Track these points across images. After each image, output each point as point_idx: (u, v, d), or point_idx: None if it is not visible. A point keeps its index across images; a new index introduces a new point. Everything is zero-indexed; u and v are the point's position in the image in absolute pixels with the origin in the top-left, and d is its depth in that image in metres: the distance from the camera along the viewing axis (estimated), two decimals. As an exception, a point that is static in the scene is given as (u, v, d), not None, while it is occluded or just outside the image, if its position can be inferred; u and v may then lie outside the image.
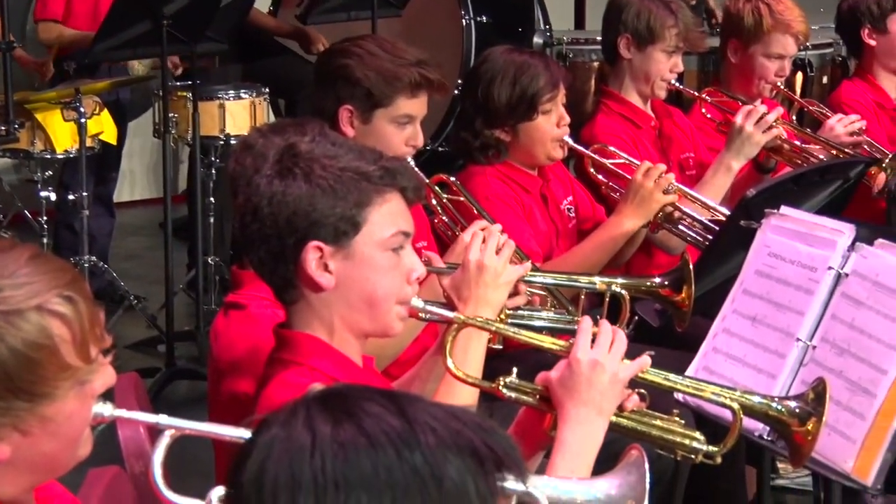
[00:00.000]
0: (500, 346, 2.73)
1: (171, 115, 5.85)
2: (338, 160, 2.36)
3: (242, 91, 6.29)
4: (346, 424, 1.42)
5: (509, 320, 2.75)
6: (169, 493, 1.95)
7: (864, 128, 4.44)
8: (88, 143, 5.80)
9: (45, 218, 5.96)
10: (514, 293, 2.85)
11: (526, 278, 2.91)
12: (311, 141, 2.40)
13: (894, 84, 4.94)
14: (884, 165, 4.22)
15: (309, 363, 2.38)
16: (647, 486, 2.01)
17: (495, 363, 2.65)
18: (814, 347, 2.81)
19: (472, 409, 1.50)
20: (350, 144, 2.47)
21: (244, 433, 1.90)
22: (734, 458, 2.89)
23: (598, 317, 2.62)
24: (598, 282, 3.03)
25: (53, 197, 5.96)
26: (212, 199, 6.26)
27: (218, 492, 1.85)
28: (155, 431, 2.01)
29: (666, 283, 3.05)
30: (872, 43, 4.88)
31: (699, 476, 2.62)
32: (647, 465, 2.02)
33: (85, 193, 5.88)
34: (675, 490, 3.52)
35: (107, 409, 1.93)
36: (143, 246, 7.56)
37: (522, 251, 3.10)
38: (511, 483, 1.46)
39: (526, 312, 2.90)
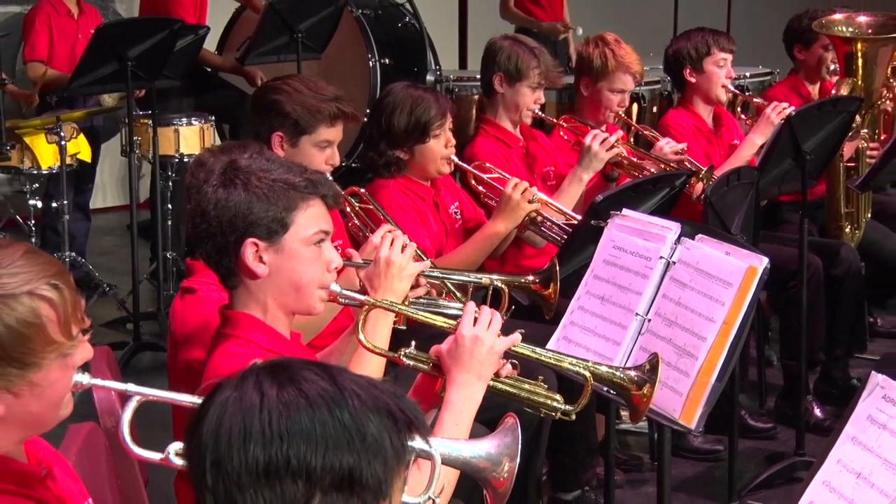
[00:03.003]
0: (404, 327, 2.73)
1: (135, 138, 5.82)
2: (270, 173, 2.37)
3: (193, 119, 6.24)
4: (289, 387, 1.41)
5: (411, 305, 2.75)
6: (135, 448, 1.96)
7: (685, 148, 4.49)
8: (68, 161, 5.79)
9: (33, 222, 5.95)
10: (416, 284, 2.86)
11: (425, 273, 2.91)
12: (249, 158, 2.41)
13: (709, 112, 4.99)
14: (701, 176, 4.28)
15: (246, 337, 2.38)
16: (520, 446, 2.02)
17: (399, 337, 2.64)
18: (649, 320, 2.82)
19: (387, 381, 1.49)
20: (281, 160, 2.48)
21: (197, 399, 1.89)
22: (587, 408, 2.91)
23: (481, 303, 2.63)
24: (484, 278, 3.04)
25: (40, 205, 5.97)
26: (169, 205, 6.23)
27: (175, 446, 1.82)
28: (124, 395, 2.01)
29: (537, 280, 3.06)
30: (692, 80, 4.93)
31: (560, 421, 2.65)
32: (519, 430, 2.03)
33: (65, 202, 5.87)
34: (540, 436, 3.54)
35: (85, 378, 1.92)
36: (113, 244, 7.49)
37: (420, 249, 3.10)
38: (417, 442, 1.46)
39: (424, 300, 2.90)
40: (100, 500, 2.31)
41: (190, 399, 1.94)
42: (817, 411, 4.69)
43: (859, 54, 5.03)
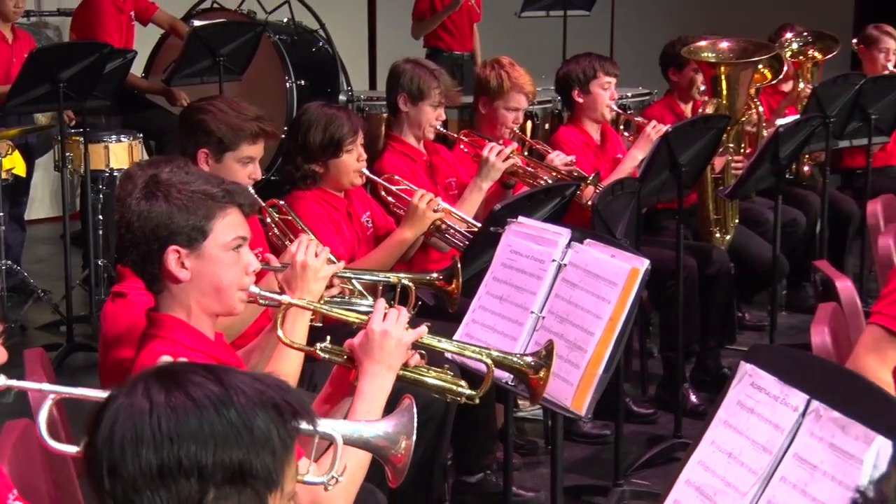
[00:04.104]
0: (320, 324, 2.71)
1: (67, 154, 5.70)
2: (190, 185, 2.34)
3: (122, 136, 6.13)
4: (176, 392, 1.38)
5: (326, 304, 2.73)
6: (52, 443, 1.93)
7: (574, 161, 4.52)
8: (4, 175, 5.66)
9: (-30, 232, 5.78)
10: (330, 285, 2.84)
11: (338, 274, 2.89)
12: (169, 171, 2.37)
13: (596, 129, 5.03)
14: (589, 181, 4.30)
15: (171, 337, 2.34)
16: (415, 425, 2.02)
17: (316, 334, 2.62)
18: (543, 318, 2.83)
19: (274, 375, 1.48)
20: (200, 173, 2.45)
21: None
22: (488, 397, 2.91)
23: (390, 300, 2.63)
24: (392, 277, 3.03)
25: (-22, 216, 5.79)
26: (100, 216, 6.09)
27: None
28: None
29: (441, 277, 3.06)
30: (580, 100, 4.96)
31: (464, 409, 2.65)
32: (415, 410, 2.04)
33: (2, 214, 5.72)
34: (446, 424, 3.53)
35: (1, 380, 1.92)
36: (47, 252, 7.32)
37: (334, 255, 3.08)
38: (304, 425, 1.45)
39: (338, 298, 2.89)
40: (35, 492, 2.26)
41: (100, 394, 1.92)
42: (693, 398, 4.76)
43: (723, 77, 5.11)
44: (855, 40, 6.59)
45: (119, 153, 6.05)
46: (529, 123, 6.05)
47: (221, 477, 1.36)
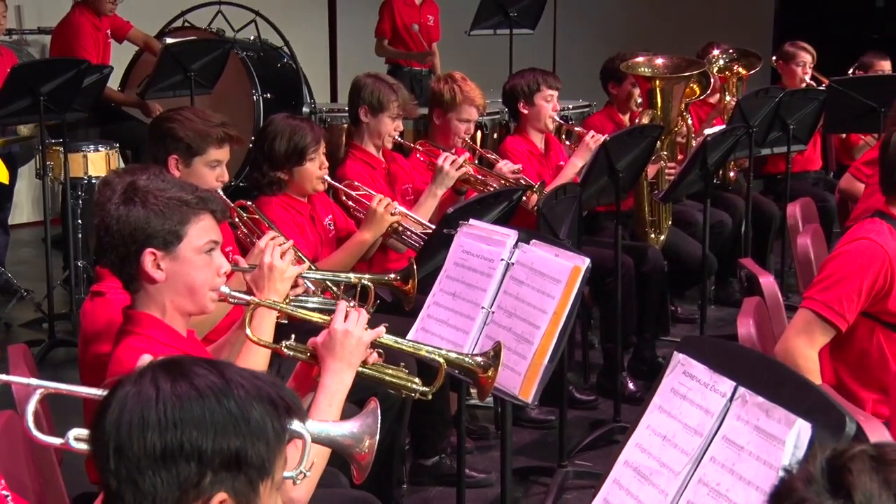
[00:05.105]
0: (286, 321, 2.69)
1: (48, 162, 5.65)
2: (166, 192, 2.32)
3: (100, 145, 6.06)
4: (182, 381, 1.38)
5: (291, 303, 2.71)
6: (38, 434, 1.89)
7: (521, 168, 4.53)
8: (-12, 183, 5.56)
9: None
10: (295, 285, 2.82)
11: (303, 275, 2.88)
12: (147, 179, 2.35)
13: (541, 138, 5.04)
14: (535, 190, 4.32)
15: (146, 333, 2.32)
16: (379, 426, 2.02)
17: (282, 331, 2.61)
18: (493, 312, 2.83)
19: (269, 372, 1.47)
20: (175, 181, 2.42)
21: (93, 391, 1.84)
22: (441, 387, 2.90)
23: (351, 300, 2.61)
24: (353, 277, 3.01)
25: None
26: (79, 220, 6.00)
27: (74, 432, 1.76)
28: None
29: (398, 277, 3.05)
30: (525, 112, 4.97)
31: (419, 399, 2.64)
32: (379, 412, 2.03)
33: (-14, 219, 5.63)
34: (404, 412, 3.53)
35: None
36: (30, 254, 7.23)
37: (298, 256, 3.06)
38: (295, 425, 1.45)
39: (302, 298, 2.87)
40: (18, 479, 2.23)
41: (87, 391, 1.90)
42: (631, 385, 4.78)
43: (658, 90, 5.15)
44: (774, 56, 6.66)
45: (97, 162, 5.98)
46: (479, 133, 6.05)
47: (219, 462, 1.36)
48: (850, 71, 6.52)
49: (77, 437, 1.75)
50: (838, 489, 1.18)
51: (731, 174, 6.15)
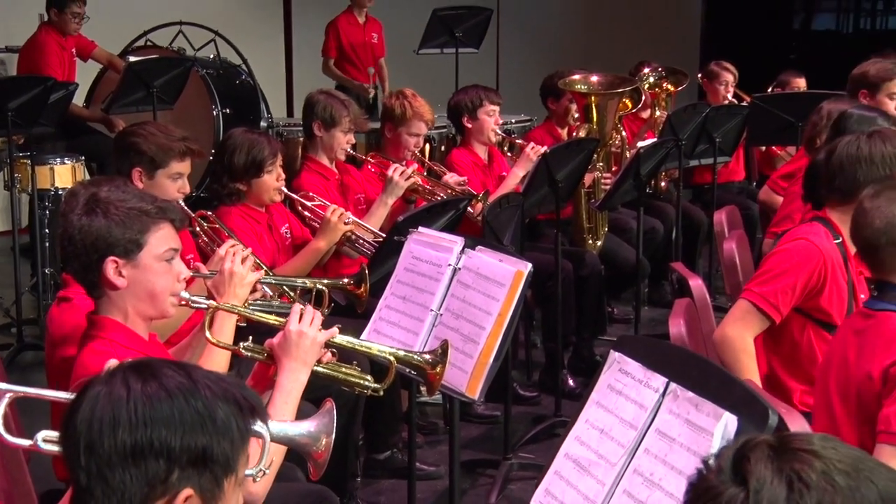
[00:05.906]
0: (245, 324, 2.66)
1: (16, 174, 5.53)
2: (126, 202, 2.29)
3: (66, 158, 5.98)
4: (151, 382, 1.37)
5: (250, 307, 2.68)
6: (7, 436, 1.85)
7: (466, 181, 4.54)
8: (-43, 195, 5.47)
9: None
10: (254, 290, 2.80)
11: (261, 280, 2.85)
12: (108, 190, 2.32)
13: (484, 150, 5.05)
14: (479, 199, 4.33)
15: (109, 337, 2.29)
16: (335, 425, 2.00)
17: (241, 333, 2.58)
18: (441, 315, 2.82)
19: (233, 375, 1.46)
20: (135, 191, 2.39)
21: (61, 394, 1.81)
22: (393, 385, 2.90)
23: (306, 304, 2.59)
24: (308, 282, 2.99)
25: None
26: (47, 230, 5.91)
27: (42, 434, 1.72)
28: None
29: (351, 282, 3.03)
30: (469, 126, 4.98)
31: (372, 396, 2.62)
32: (335, 412, 2.02)
33: (-45, 229, 5.54)
34: (357, 408, 3.51)
35: None
36: (-1, 263, 7.11)
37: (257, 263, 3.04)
38: (257, 425, 1.44)
39: (261, 302, 2.84)
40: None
41: (55, 394, 1.87)
42: (571, 382, 4.80)
43: (594, 106, 5.18)
44: (700, 74, 6.74)
45: (63, 174, 5.91)
46: (428, 146, 6.05)
47: (186, 460, 1.35)
48: (770, 88, 6.61)
49: (46, 439, 1.72)
50: (739, 477, 1.19)
51: (663, 184, 6.21)
